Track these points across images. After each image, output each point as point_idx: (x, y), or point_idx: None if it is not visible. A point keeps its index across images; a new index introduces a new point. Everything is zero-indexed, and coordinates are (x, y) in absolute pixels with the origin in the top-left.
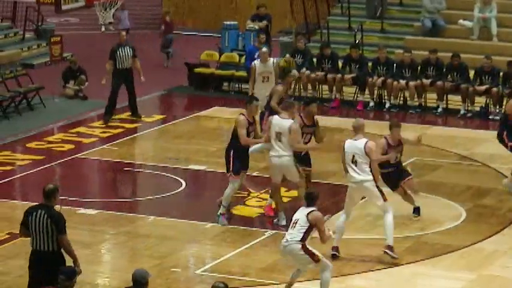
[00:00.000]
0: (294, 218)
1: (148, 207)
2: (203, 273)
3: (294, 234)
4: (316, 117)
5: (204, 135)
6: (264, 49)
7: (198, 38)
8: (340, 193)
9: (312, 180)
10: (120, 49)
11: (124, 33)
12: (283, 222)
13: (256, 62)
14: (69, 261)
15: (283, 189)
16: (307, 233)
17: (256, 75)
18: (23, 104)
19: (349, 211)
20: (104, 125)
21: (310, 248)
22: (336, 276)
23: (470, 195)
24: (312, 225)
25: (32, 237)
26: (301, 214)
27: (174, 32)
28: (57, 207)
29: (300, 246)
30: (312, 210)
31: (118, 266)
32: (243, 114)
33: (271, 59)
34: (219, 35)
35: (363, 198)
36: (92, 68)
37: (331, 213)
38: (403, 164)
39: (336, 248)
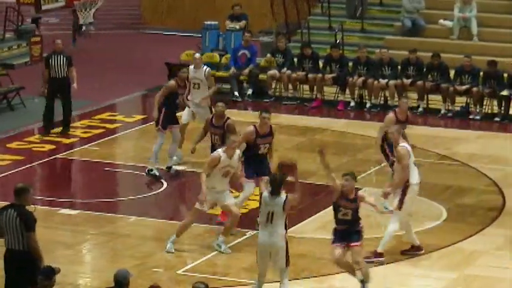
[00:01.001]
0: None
1: (129, 207)
2: (185, 273)
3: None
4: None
5: (184, 135)
6: (197, 55)
7: (178, 38)
8: (321, 193)
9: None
10: (53, 57)
11: (59, 41)
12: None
13: (190, 67)
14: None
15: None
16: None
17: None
18: (3, 104)
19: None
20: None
21: None
22: (316, 276)
23: (450, 194)
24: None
25: (5, 236)
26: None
27: (153, 31)
28: (31, 207)
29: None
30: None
31: (99, 266)
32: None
33: (204, 67)
34: (200, 35)
35: None
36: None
37: (312, 214)
38: (384, 164)
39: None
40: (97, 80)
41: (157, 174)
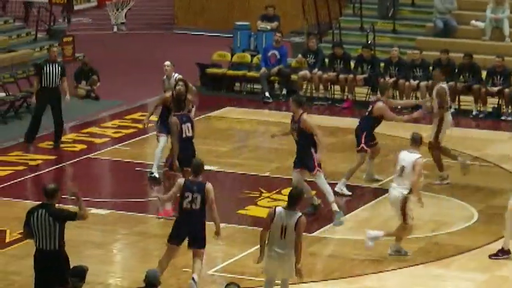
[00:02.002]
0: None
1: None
2: (214, 273)
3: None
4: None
5: (215, 135)
6: (167, 63)
7: (210, 38)
8: (352, 193)
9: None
10: (47, 66)
11: (55, 49)
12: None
13: (164, 77)
14: (72, 261)
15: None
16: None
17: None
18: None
19: None
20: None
21: None
22: (347, 277)
23: (482, 196)
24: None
25: (34, 236)
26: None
27: (185, 32)
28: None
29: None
30: None
31: (129, 266)
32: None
33: (175, 75)
34: (231, 36)
35: None
36: (103, 69)
37: (344, 214)
38: None
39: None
40: (129, 80)
41: (157, 176)
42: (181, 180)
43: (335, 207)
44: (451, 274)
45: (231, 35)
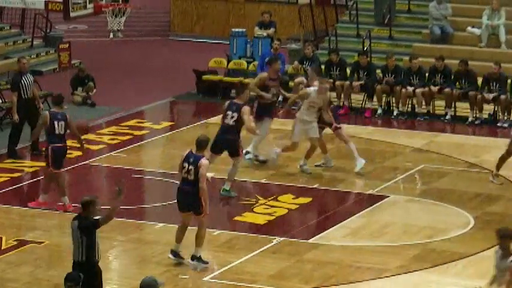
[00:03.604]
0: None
1: (156, 214)
2: (211, 280)
3: None
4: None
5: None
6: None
7: (206, 45)
8: (348, 200)
9: (321, 188)
10: (24, 78)
11: (25, 60)
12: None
13: None
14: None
15: (290, 196)
16: None
17: None
18: None
19: None
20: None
21: None
22: (343, 284)
23: (478, 202)
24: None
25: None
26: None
27: (182, 39)
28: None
29: None
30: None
31: (126, 273)
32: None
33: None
34: (227, 42)
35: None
36: (100, 75)
37: (340, 221)
38: (412, 172)
39: None
40: (125, 86)
41: (261, 159)
42: (184, 153)
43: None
44: (448, 281)
45: (228, 42)
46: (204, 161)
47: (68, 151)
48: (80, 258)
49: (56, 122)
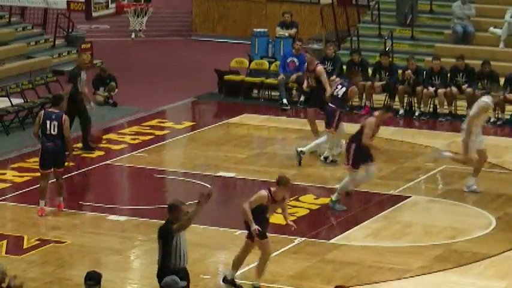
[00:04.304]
0: None
1: None
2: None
3: None
4: None
5: (233, 142)
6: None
7: (228, 45)
8: (370, 200)
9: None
10: (82, 73)
11: (85, 56)
12: None
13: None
14: (90, 267)
15: (311, 197)
16: None
17: None
18: None
19: None
20: (133, 133)
21: None
22: (365, 284)
23: (500, 203)
24: None
25: None
26: None
27: (204, 39)
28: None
29: None
30: None
31: (147, 273)
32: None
33: None
34: (249, 42)
35: None
36: (121, 75)
37: (362, 222)
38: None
39: None
40: (147, 86)
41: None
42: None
43: (336, 197)
44: (469, 281)
45: (249, 42)
46: (263, 193)
47: (90, 150)
48: (159, 263)
49: (48, 122)
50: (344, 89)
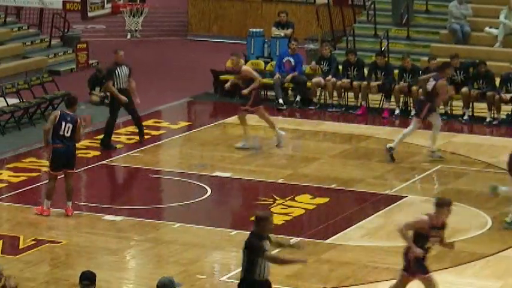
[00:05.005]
0: None
1: (173, 213)
2: (228, 280)
3: None
4: None
5: (229, 142)
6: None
7: (224, 45)
8: (366, 200)
9: (337, 188)
10: (119, 69)
11: (122, 52)
12: None
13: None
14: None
15: (308, 197)
16: None
17: None
18: (49, 111)
19: None
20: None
21: None
22: (361, 284)
23: (496, 203)
24: None
25: None
26: None
27: (199, 39)
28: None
29: None
30: None
31: (143, 273)
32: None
33: None
34: (245, 42)
35: None
36: None
37: (358, 221)
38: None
39: None
40: (142, 86)
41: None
42: None
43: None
44: (465, 281)
45: (245, 42)
46: (423, 217)
47: (85, 151)
48: (242, 275)
49: (63, 123)
50: (434, 82)
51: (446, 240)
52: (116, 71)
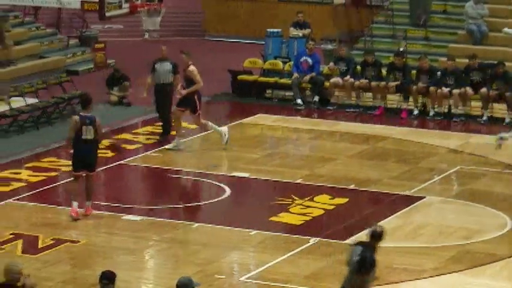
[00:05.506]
0: None
1: (192, 213)
2: (247, 280)
3: None
4: None
5: (247, 142)
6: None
7: (241, 45)
8: (383, 201)
9: (356, 188)
10: (159, 64)
11: (165, 47)
12: None
13: None
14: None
15: (326, 197)
16: None
17: None
18: (67, 110)
19: None
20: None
21: None
22: (383, 285)
23: None
24: None
25: None
26: None
27: (216, 39)
28: None
29: None
30: None
31: (161, 273)
32: None
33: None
34: (262, 42)
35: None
36: (135, 75)
37: (376, 222)
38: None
39: None
40: None
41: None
42: None
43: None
44: (483, 282)
45: (263, 42)
46: None
47: (103, 150)
48: (344, 283)
49: (84, 128)
50: None
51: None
52: (155, 66)
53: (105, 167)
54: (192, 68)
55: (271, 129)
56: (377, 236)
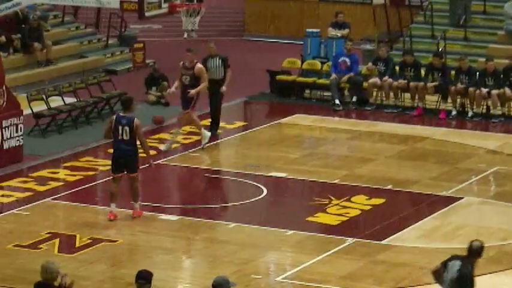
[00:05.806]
0: None
1: (229, 213)
2: (284, 280)
3: None
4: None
5: (285, 142)
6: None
7: (280, 45)
8: (422, 201)
9: (394, 189)
10: (210, 60)
11: (213, 44)
12: None
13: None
14: (142, 266)
15: (363, 197)
16: None
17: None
18: (106, 110)
19: None
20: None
21: None
22: (416, 285)
23: None
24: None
25: None
26: None
27: (256, 39)
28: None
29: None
30: None
31: (198, 272)
32: None
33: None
34: (301, 43)
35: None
36: (174, 75)
37: (414, 223)
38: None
39: None
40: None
41: None
42: None
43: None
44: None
45: (302, 42)
46: None
47: (141, 150)
48: None
49: (119, 127)
50: None
51: None
52: (207, 63)
53: (142, 166)
54: (199, 66)
55: (310, 129)
56: (475, 252)
